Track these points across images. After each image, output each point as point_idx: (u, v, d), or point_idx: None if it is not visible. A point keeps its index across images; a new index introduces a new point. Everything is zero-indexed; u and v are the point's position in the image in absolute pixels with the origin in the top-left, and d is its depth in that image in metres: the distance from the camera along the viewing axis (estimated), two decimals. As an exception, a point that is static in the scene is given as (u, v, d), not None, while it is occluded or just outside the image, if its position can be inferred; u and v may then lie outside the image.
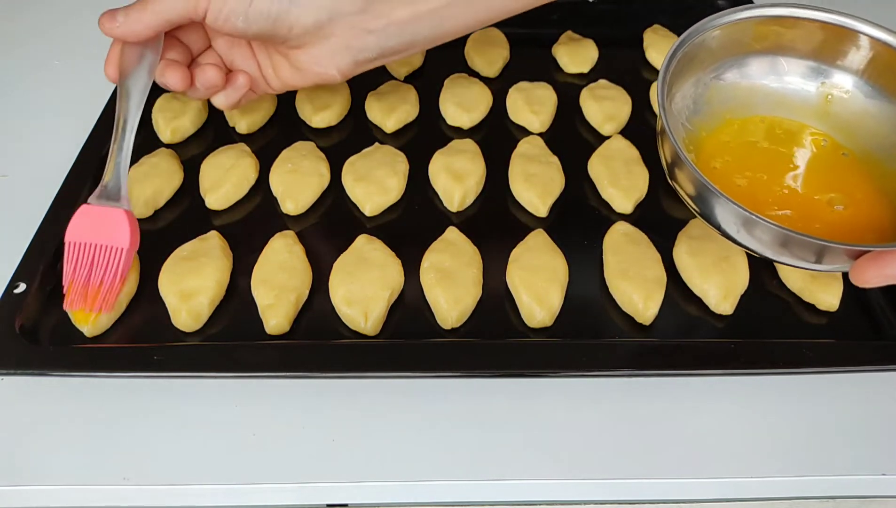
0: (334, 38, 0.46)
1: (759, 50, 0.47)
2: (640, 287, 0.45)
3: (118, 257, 0.43)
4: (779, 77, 0.48)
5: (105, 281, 0.43)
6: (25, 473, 0.39)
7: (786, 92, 0.48)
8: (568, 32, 0.66)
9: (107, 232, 0.44)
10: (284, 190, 0.51)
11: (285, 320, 0.44)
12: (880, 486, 0.40)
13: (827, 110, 0.47)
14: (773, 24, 0.46)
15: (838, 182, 0.44)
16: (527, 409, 0.42)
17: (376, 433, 0.41)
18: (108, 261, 0.43)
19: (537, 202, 0.51)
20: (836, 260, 0.37)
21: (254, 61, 0.50)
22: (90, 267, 0.43)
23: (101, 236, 0.43)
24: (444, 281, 0.45)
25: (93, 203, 0.44)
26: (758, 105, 0.48)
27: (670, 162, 0.41)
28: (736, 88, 0.48)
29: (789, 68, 0.47)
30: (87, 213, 0.44)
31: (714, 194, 0.38)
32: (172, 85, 0.46)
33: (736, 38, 0.46)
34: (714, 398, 0.43)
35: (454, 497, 0.40)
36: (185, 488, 0.39)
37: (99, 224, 0.44)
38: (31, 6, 0.71)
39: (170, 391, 0.42)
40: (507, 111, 0.59)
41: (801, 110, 0.48)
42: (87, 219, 0.44)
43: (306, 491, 0.39)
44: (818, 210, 0.43)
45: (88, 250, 0.43)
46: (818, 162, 0.46)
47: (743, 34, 0.46)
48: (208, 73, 0.47)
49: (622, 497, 0.41)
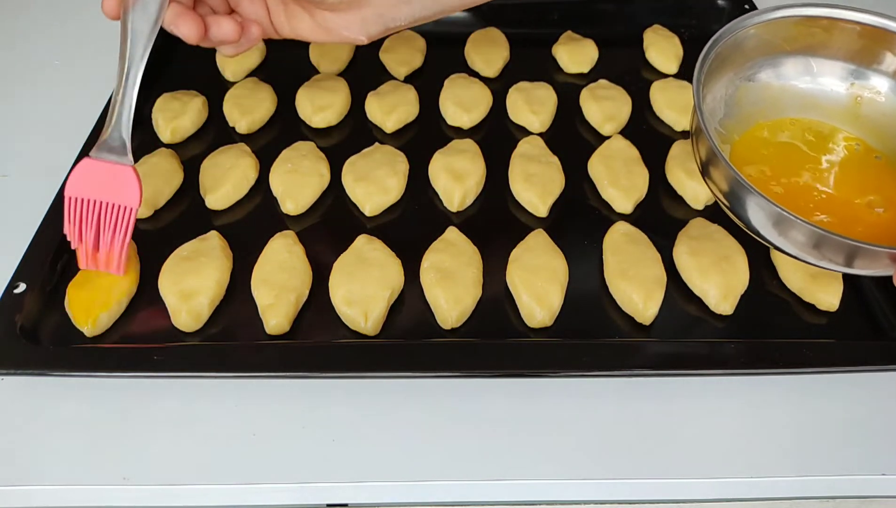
0: (370, 7, 0.44)
1: (789, 51, 0.47)
2: (640, 287, 0.45)
3: (128, 216, 0.41)
4: (810, 79, 0.47)
5: (115, 242, 0.41)
6: (25, 473, 0.39)
7: (815, 94, 0.47)
8: (568, 32, 0.66)
9: (114, 190, 0.41)
10: (284, 190, 0.51)
11: (285, 320, 0.44)
12: (880, 486, 0.40)
13: (857, 113, 0.47)
14: (809, 24, 0.45)
15: (875, 184, 0.44)
16: (527, 409, 0.42)
17: (376, 433, 0.41)
18: (116, 220, 0.41)
19: (537, 202, 0.51)
20: (877, 264, 0.37)
21: (263, 6, 0.46)
22: (97, 227, 0.41)
23: (107, 194, 0.41)
24: (444, 281, 0.45)
25: (95, 157, 0.41)
26: (788, 107, 0.47)
27: (705, 160, 0.41)
28: (766, 89, 0.47)
29: (819, 70, 0.47)
30: (89, 167, 0.41)
31: (753, 194, 0.37)
32: (186, 35, 0.42)
33: (767, 39, 0.46)
34: (714, 398, 0.43)
35: (454, 497, 0.40)
36: (185, 488, 0.39)
37: (104, 180, 0.41)
38: (32, 6, 0.71)
39: (170, 391, 0.42)
40: (507, 111, 0.59)
41: (831, 113, 0.47)
42: (90, 174, 0.41)
43: (306, 491, 0.39)
44: (859, 213, 0.42)
45: (93, 208, 0.41)
46: (853, 165, 0.45)
47: (775, 35, 0.45)
48: (224, 27, 0.43)
49: (622, 497, 0.41)
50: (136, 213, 0.42)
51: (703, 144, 0.40)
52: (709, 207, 0.52)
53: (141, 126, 0.57)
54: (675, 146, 0.55)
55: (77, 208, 0.41)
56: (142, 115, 0.58)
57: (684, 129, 0.58)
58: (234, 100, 0.58)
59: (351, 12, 0.45)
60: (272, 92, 0.59)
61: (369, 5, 0.44)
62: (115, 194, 0.41)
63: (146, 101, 0.59)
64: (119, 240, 0.41)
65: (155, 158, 0.53)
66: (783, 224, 0.37)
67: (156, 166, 0.52)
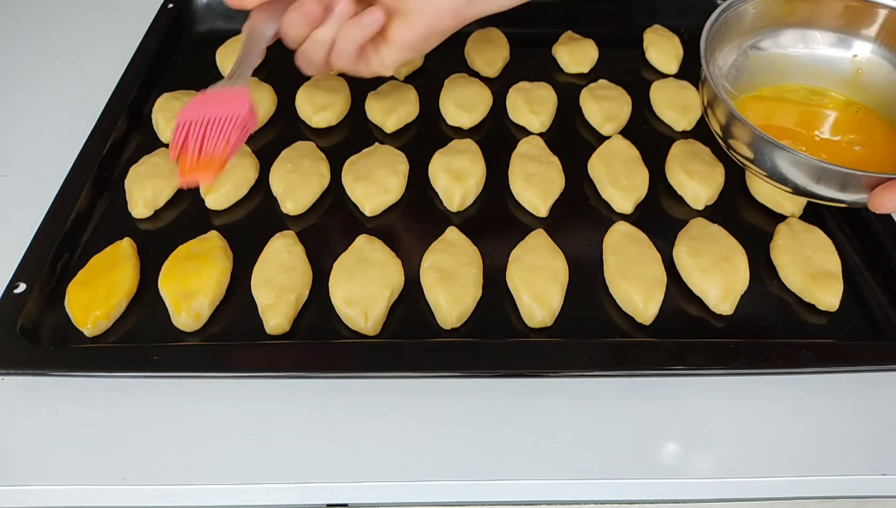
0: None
1: (789, 23, 0.50)
2: (640, 287, 0.45)
3: (233, 122, 0.41)
4: (807, 48, 0.50)
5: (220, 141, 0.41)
6: (25, 473, 0.39)
7: (816, 62, 0.50)
8: (568, 32, 0.66)
9: (224, 106, 0.42)
10: (284, 190, 0.51)
11: (285, 320, 0.44)
12: (880, 486, 0.40)
13: (858, 81, 0.49)
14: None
15: (859, 128, 0.47)
16: (527, 409, 0.42)
17: (376, 433, 0.41)
18: (222, 129, 0.41)
19: (537, 202, 0.51)
20: (858, 190, 0.40)
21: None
22: (202, 138, 0.41)
23: (217, 111, 0.42)
24: (444, 281, 0.45)
25: (212, 89, 0.43)
26: (793, 74, 0.50)
27: (724, 124, 0.44)
28: (773, 58, 0.50)
29: (817, 39, 0.50)
30: (205, 96, 0.42)
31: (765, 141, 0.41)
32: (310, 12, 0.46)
33: (770, 11, 0.49)
34: (714, 398, 0.43)
35: (454, 497, 0.40)
36: (185, 488, 0.39)
37: (216, 102, 0.42)
38: (32, 6, 0.71)
39: (170, 391, 0.42)
40: (507, 111, 0.59)
41: (833, 80, 0.50)
42: (204, 100, 0.42)
43: (306, 491, 0.39)
44: (840, 151, 0.46)
45: (201, 125, 0.41)
46: (846, 118, 0.48)
47: (777, 7, 0.49)
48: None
49: (622, 497, 0.41)
50: (248, 124, 0.42)
51: (720, 109, 0.44)
52: (709, 207, 0.52)
53: (141, 126, 0.57)
54: (675, 146, 0.55)
55: (185, 131, 0.41)
56: (142, 115, 0.58)
57: (684, 129, 0.58)
58: (235, 100, 0.58)
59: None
60: (272, 92, 0.59)
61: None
62: (225, 109, 0.42)
63: (146, 101, 0.59)
64: (222, 142, 0.41)
65: (155, 158, 0.53)
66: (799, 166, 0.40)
67: (156, 166, 0.52)
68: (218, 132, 0.41)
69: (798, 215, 0.51)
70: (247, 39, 0.47)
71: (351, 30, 0.47)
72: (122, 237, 0.48)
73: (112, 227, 0.50)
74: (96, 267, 0.45)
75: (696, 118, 0.58)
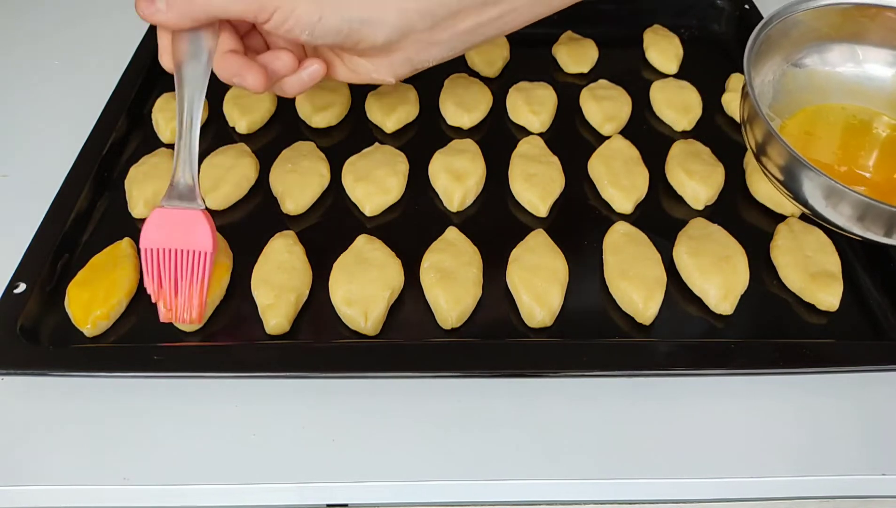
0: (400, 52, 0.44)
1: (836, 38, 0.48)
2: (640, 287, 0.45)
3: (203, 261, 0.40)
4: (855, 66, 0.49)
5: (193, 289, 0.41)
6: (25, 473, 0.39)
7: (861, 81, 0.49)
8: (568, 32, 0.66)
9: (186, 236, 0.40)
10: (284, 190, 0.51)
11: (285, 320, 0.44)
12: (880, 486, 0.40)
13: None
14: (855, 12, 0.47)
15: None
16: (527, 409, 0.42)
17: (376, 433, 0.41)
18: (192, 266, 0.41)
19: (537, 202, 0.51)
20: None
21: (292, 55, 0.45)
22: (175, 276, 0.41)
23: (180, 241, 0.40)
24: (444, 281, 0.45)
25: (166, 206, 0.41)
26: (833, 93, 0.49)
27: (761, 142, 0.42)
28: (812, 75, 0.48)
29: (865, 57, 0.48)
30: (161, 216, 0.41)
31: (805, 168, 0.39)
32: (253, 85, 0.42)
33: (814, 26, 0.47)
34: (714, 398, 0.43)
35: (454, 497, 0.40)
36: (185, 488, 0.39)
37: (175, 228, 0.40)
38: (32, 6, 0.71)
39: (170, 391, 0.42)
40: (507, 111, 0.59)
41: (876, 100, 0.48)
42: (161, 223, 0.40)
43: (306, 491, 0.39)
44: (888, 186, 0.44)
45: (169, 257, 0.41)
46: (893, 146, 0.47)
47: (822, 22, 0.47)
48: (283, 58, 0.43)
49: (622, 497, 0.41)
50: (212, 258, 0.41)
51: (758, 126, 0.42)
52: (709, 207, 0.52)
53: (141, 126, 0.57)
54: (675, 146, 0.55)
55: (153, 260, 0.41)
56: (142, 115, 0.58)
57: (684, 129, 0.58)
58: (234, 100, 0.58)
59: (380, 57, 0.45)
60: (272, 92, 0.59)
61: (399, 50, 0.44)
62: (188, 240, 0.41)
63: (146, 101, 0.59)
64: (197, 286, 0.41)
65: (155, 158, 0.53)
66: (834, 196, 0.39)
67: (156, 166, 0.52)
68: (189, 273, 0.40)
69: (798, 216, 0.51)
70: (181, 85, 0.41)
71: (291, 83, 0.45)
72: (122, 237, 0.48)
73: (112, 227, 0.50)
74: (96, 267, 0.45)
75: (696, 118, 0.58)
